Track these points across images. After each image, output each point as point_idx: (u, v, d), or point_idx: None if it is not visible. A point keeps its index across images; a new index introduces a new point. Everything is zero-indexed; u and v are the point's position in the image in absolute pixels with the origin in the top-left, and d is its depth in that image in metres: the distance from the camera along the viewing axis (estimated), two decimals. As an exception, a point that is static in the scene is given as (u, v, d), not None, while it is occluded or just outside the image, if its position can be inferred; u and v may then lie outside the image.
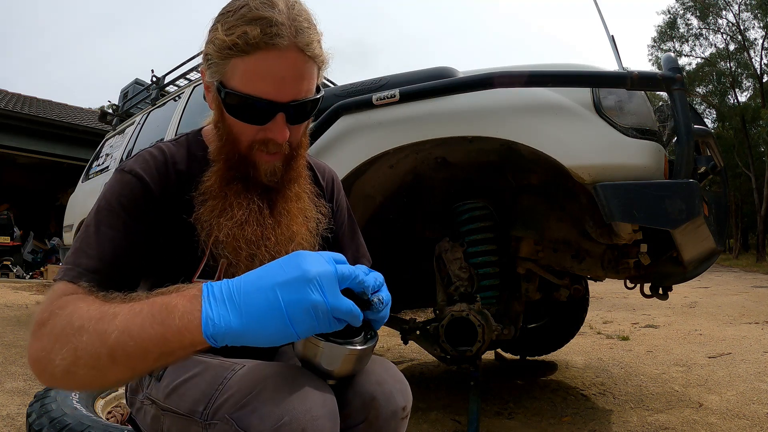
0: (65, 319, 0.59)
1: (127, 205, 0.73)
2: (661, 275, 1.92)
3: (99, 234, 0.71)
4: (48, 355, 0.57)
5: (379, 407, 0.73)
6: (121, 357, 0.55)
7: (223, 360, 0.75)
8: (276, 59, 0.68)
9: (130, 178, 0.75)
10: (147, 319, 0.56)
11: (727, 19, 22.09)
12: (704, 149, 1.88)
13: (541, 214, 1.89)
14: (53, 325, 0.59)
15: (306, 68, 0.71)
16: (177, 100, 3.52)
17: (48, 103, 11.92)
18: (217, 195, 0.77)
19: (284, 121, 0.73)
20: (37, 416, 1.38)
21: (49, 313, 0.61)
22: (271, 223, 0.79)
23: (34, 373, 0.60)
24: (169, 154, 0.81)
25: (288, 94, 0.71)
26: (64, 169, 9.99)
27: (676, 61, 1.58)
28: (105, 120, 5.10)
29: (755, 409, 2.15)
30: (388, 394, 0.74)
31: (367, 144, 1.76)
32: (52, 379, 0.58)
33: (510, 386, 2.61)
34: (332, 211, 0.97)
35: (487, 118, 1.63)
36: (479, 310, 1.83)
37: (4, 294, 5.99)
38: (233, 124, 0.75)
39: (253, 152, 0.76)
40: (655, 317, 4.99)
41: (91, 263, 0.68)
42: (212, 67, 0.73)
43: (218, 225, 0.75)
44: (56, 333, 0.58)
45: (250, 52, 0.67)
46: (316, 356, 0.68)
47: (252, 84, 0.69)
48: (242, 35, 0.67)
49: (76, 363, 0.56)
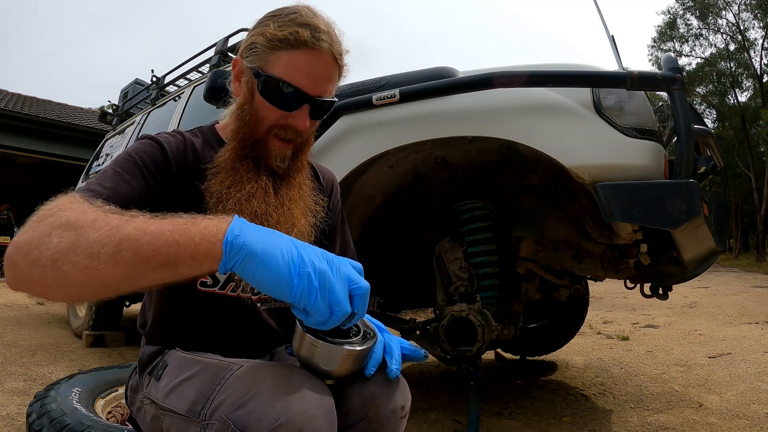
0: (77, 210, 0.57)
1: (146, 160, 0.79)
2: (661, 275, 1.92)
3: (117, 175, 0.74)
4: (41, 239, 0.54)
5: (378, 406, 0.74)
6: (126, 251, 0.54)
7: (221, 360, 0.75)
8: (316, 58, 0.79)
9: (152, 143, 0.82)
10: (167, 224, 0.58)
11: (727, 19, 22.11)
12: (704, 149, 1.88)
13: (541, 214, 1.89)
14: (59, 216, 0.56)
15: (334, 73, 0.83)
16: (177, 100, 3.52)
17: (48, 103, 11.92)
18: (229, 169, 0.82)
19: (308, 113, 0.82)
20: (37, 416, 1.38)
21: (57, 208, 0.58)
22: (274, 203, 0.83)
23: (6, 265, 0.54)
24: (187, 137, 0.87)
25: (317, 89, 0.81)
26: (64, 169, 10.00)
27: (676, 61, 1.58)
28: (105, 120, 5.10)
29: (755, 409, 2.15)
30: (388, 393, 0.75)
31: (367, 144, 1.76)
32: (31, 268, 0.53)
33: (510, 386, 2.61)
34: (329, 208, 1.00)
35: (487, 118, 1.63)
36: (479, 310, 1.83)
37: (4, 294, 5.99)
38: (261, 108, 0.81)
39: (269, 137, 0.83)
40: (655, 317, 4.99)
41: (105, 192, 0.69)
42: (255, 54, 0.81)
43: (227, 195, 0.80)
44: (62, 221, 0.55)
45: (297, 47, 0.78)
46: (314, 356, 0.68)
47: (292, 74, 0.79)
48: (294, 32, 0.78)
49: (74, 247, 0.53)
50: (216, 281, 0.85)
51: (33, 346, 3.27)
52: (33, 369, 2.68)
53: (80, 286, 0.54)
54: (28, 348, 3.20)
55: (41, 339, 3.50)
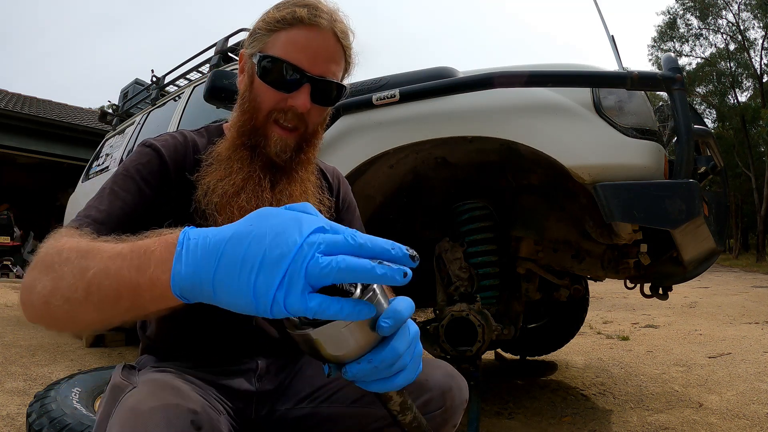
0: (55, 249, 0.59)
1: (142, 171, 0.78)
2: (661, 275, 1.92)
3: (111, 194, 0.75)
4: (33, 282, 0.57)
5: (453, 397, 0.80)
6: (95, 295, 0.52)
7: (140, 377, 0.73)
8: (315, 35, 0.77)
9: (149, 150, 0.81)
10: (125, 261, 0.51)
11: (727, 19, 22.13)
12: (704, 149, 1.88)
13: (541, 214, 1.89)
14: (44, 256, 0.59)
15: (337, 53, 0.79)
16: (177, 100, 3.52)
17: (48, 103, 11.93)
18: (222, 159, 0.80)
19: (308, 93, 0.78)
20: (37, 416, 1.38)
21: (45, 248, 0.61)
22: (269, 198, 0.79)
23: (21, 305, 0.61)
24: (190, 138, 0.86)
25: (318, 68, 0.77)
26: (64, 169, 10.00)
27: (676, 61, 1.58)
28: (105, 120, 5.10)
29: (755, 409, 2.15)
30: (459, 387, 0.82)
31: (367, 144, 1.76)
32: (32, 309, 0.58)
33: (510, 386, 2.61)
34: (337, 208, 0.98)
35: (487, 118, 1.63)
36: (479, 310, 1.83)
37: (4, 294, 5.99)
38: (260, 92, 0.79)
39: (269, 123, 0.79)
40: (655, 317, 4.99)
41: (99, 216, 0.71)
42: (256, 40, 0.80)
43: (214, 187, 0.78)
44: (46, 263, 0.58)
45: (294, 24, 0.76)
46: (321, 349, 0.51)
47: (289, 52, 0.76)
48: (291, 12, 0.76)
49: (54, 293, 0.54)
50: None
51: (33, 346, 3.27)
52: (33, 369, 2.68)
53: (73, 324, 0.58)
54: (28, 348, 3.20)
55: (41, 339, 3.50)
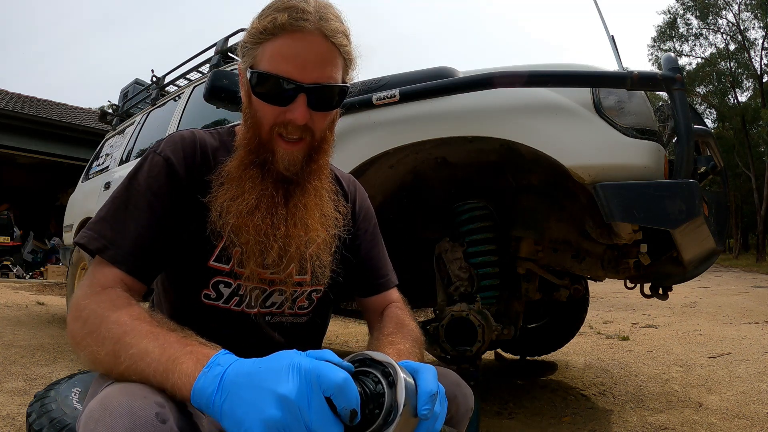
0: (98, 320, 0.66)
1: (154, 186, 0.77)
2: (661, 275, 1.92)
3: (123, 212, 0.76)
4: (77, 340, 0.67)
5: (459, 405, 0.81)
6: (124, 377, 0.62)
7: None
8: (300, 41, 0.72)
9: (159, 159, 0.79)
10: (152, 364, 0.60)
11: (727, 19, 22.14)
12: (704, 149, 1.88)
13: (541, 214, 1.89)
14: (87, 318, 0.67)
15: (330, 55, 0.74)
16: (177, 100, 3.52)
17: (48, 103, 11.91)
18: (233, 179, 0.78)
19: (305, 104, 0.74)
20: (37, 416, 1.38)
21: (88, 300, 0.69)
22: (283, 214, 0.78)
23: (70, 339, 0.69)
24: (200, 138, 0.84)
25: (310, 76, 0.73)
26: (64, 169, 9.98)
27: (676, 61, 1.58)
28: (105, 120, 5.10)
29: (755, 409, 2.15)
30: (465, 395, 0.83)
31: (367, 144, 1.76)
32: (80, 358, 0.68)
33: (510, 386, 2.61)
34: (354, 216, 0.96)
35: (487, 118, 1.63)
36: (479, 310, 1.83)
37: (4, 294, 5.99)
38: (258, 108, 0.77)
39: (273, 138, 0.77)
40: (655, 317, 4.99)
41: (124, 244, 0.73)
42: (246, 54, 0.77)
43: (228, 208, 0.76)
44: (88, 329, 0.66)
45: (277, 34, 0.72)
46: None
47: (277, 64, 0.73)
48: (272, 20, 0.72)
49: (95, 362, 0.65)
50: (220, 295, 0.83)
51: (33, 346, 3.27)
52: (33, 369, 2.68)
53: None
54: (28, 348, 3.20)
55: (41, 339, 3.50)
